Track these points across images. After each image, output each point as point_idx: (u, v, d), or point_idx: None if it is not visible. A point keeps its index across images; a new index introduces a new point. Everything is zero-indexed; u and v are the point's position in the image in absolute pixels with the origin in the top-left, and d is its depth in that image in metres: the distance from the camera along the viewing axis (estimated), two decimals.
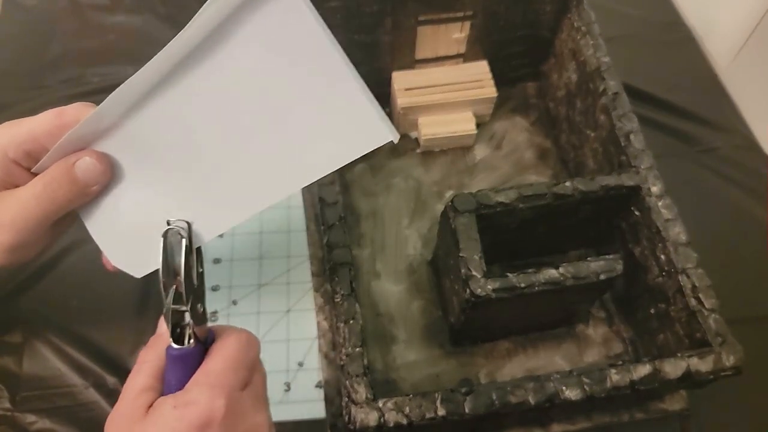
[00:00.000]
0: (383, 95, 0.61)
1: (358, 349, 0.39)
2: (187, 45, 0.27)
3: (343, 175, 0.58)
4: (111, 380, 0.48)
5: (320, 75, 0.27)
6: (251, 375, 0.32)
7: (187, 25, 0.26)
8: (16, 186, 0.33)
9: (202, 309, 0.31)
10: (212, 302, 0.52)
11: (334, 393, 0.48)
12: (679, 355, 0.39)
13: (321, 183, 0.31)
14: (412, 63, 0.60)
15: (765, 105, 0.64)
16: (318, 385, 0.49)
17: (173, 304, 0.30)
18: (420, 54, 0.59)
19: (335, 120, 0.28)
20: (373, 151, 0.29)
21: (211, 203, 0.32)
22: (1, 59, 0.66)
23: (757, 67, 0.64)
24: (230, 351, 0.31)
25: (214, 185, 0.32)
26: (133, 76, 0.28)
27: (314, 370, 0.49)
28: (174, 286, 0.31)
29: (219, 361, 0.30)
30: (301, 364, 0.50)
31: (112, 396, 0.47)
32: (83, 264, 0.52)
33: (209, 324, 0.32)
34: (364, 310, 0.49)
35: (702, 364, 0.39)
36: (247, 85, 0.29)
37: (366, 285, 0.52)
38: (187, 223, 0.32)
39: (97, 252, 0.35)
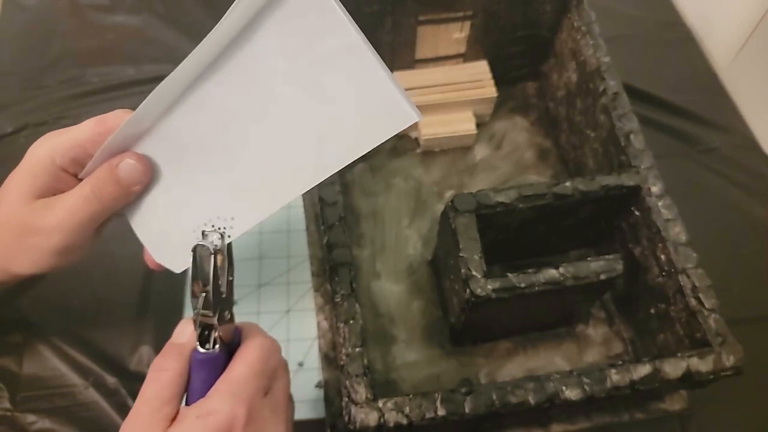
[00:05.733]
0: None
1: (358, 349, 0.39)
2: (215, 45, 0.28)
3: (343, 175, 0.58)
4: (111, 380, 0.48)
5: (344, 60, 0.27)
6: (271, 383, 0.32)
7: (216, 25, 0.27)
8: (63, 192, 0.34)
9: (229, 316, 0.32)
10: None
11: (334, 393, 0.48)
12: (679, 355, 0.39)
13: (321, 183, 0.31)
14: (412, 63, 0.59)
15: (765, 105, 0.63)
16: (318, 385, 0.49)
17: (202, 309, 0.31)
18: (420, 54, 0.59)
19: (361, 103, 0.28)
20: (373, 150, 0.29)
21: (241, 197, 0.33)
22: (1, 59, 0.66)
23: (757, 67, 0.64)
24: (252, 358, 0.31)
25: (245, 179, 0.32)
26: (165, 79, 0.29)
27: (314, 370, 0.49)
28: (203, 294, 0.31)
29: (241, 368, 0.31)
30: (301, 364, 0.50)
31: (112, 396, 0.47)
32: (83, 264, 0.52)
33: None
34: (364, 310, 0.49)
35: (702, 364, 0.39)
36: (271, 77, 0.29)
37: (366, 285, 0.52)
38: (221, 234, 0.33)
39: (97, 252, 0.35)
